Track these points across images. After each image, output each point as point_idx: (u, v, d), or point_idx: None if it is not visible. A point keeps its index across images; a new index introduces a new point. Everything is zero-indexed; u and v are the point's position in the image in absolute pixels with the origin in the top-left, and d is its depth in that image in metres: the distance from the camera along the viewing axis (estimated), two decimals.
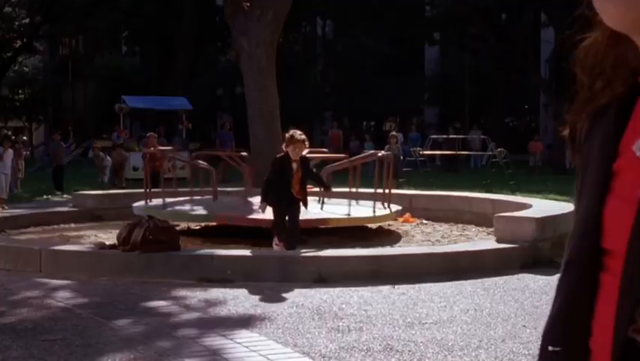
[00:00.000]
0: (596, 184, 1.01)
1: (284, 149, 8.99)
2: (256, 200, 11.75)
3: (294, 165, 8.87)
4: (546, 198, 13.69)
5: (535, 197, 13.57)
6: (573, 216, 1.07)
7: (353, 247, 9.27)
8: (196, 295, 7.17)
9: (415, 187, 16.30)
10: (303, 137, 8.91)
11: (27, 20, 35.91)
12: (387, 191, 11.27)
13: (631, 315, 0.92)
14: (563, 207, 10.40)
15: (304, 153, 9.11)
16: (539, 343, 1.04)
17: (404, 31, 31.42)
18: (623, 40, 0.99)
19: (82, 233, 11.20)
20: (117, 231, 8.74)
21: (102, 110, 22.56)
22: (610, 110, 1.03)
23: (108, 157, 21.72)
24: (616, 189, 0.99)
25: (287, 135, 9.07)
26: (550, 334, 1.05)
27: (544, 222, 8.97)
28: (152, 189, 11.88)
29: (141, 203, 11.38)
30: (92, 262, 8.27)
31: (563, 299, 1.05)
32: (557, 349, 1.04)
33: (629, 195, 0.95)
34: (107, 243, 8.86)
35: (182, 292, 7.31)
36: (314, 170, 10.13)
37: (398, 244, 10.09)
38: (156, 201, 11.42)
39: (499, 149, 26.70)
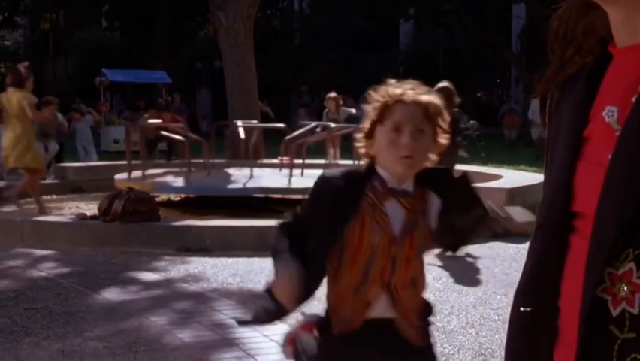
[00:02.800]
0: (566, 150, 1.03)
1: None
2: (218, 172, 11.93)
3: None
4: (517, 170, 13.98)
5: (506, 168, 13.88)
6: (543, 184, 1.11)
7: None
8: (176, 265, 7.32)
9: None
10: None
11: None
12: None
13: (599, 275, 0.94)
14: (533, 177, 10.67)
15: None
16: (509, 308, 1.08)
17: (379, 6, 31.50)
18: (592, 9, 1.03)
19: (63, 205, 11.29)
20: (98, 202, 8.85)
21: (83, 84, 22.43)
22: (580, 79, 1.06)
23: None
24: (586, 154, 1.01)
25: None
26: (522, 295, 1.08)
27: (514, 192, 9.20)
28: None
29: (124, 175, 11.47)
30: (73, 233, 8.39)
31: (534, 262, 1.07)
32: (528, 309, 1.06)
33: (600, 159, 0.97)
34: (88, 214, 8.98)
35: (162, 262, 7.45)
36: None
37: None
38: (136, 174, 11.51)
39: (472, 122, 26.89)
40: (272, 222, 8.45)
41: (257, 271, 6.95)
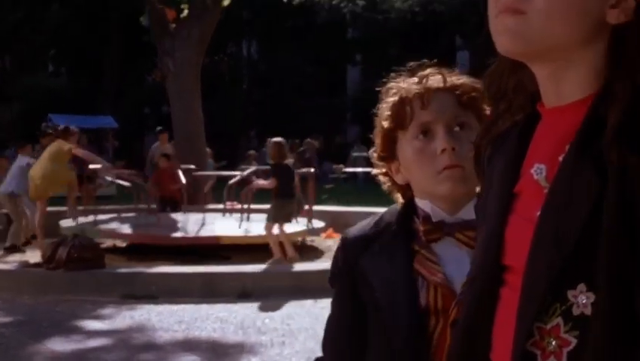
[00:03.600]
0: (498, 205, 1.06)
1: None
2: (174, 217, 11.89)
3: None
4: None
5: None
6: (476, 238, 1.13)
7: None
8: (121, 313, 7.26)
9: (339, 204, 16.61)
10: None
11: None
12: (307, 207, 11.54)
13: (529, 329, 0.96)
14: None
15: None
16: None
17: (327, 52, 31.95)
18: (521, 67, 1.06)
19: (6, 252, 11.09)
20: (42, 249, 8.75)
21: (28, 129, 22.20)
22: (511, 136, 1.09)
23: None
24: (517, 209, 1.04)
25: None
26: (454, 348, 1.11)
27: None
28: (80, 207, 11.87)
29: (69, 221, 11.35)
30: (15, 281, 8.26)
31: (467, 314, 1.09)
32: None
33: (529, 215, 1.00)
34: (32, 261, 8.87)
35: (108, 310, 7.39)
36: None
37: (320, 259, 10.35)
38: (83, 219, 11.40)
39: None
40: (219, 269, 8.41)
41: (203, 318, 6.94)
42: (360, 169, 29.58)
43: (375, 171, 1.67)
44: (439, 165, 1.52)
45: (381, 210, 1.66)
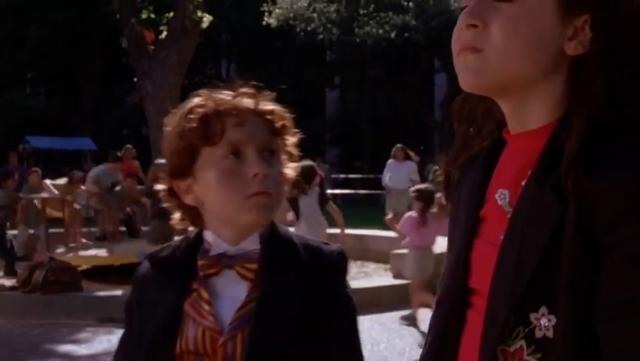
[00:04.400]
0: (464, 229, 1.09)
1: None
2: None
3: None
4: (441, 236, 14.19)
5: None
6: (445, 260, 1.15)
7: None
8: (98, 336, 7.19)
9: None
10: None
11: None
12: None
13: (493, 352, 0.98)
14: None
15: None
16: None
17: (305, 74, 32.10)
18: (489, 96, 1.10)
19: None
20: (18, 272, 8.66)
21: (4, 151, 22.04)
22: (478, 161, 1.12)
23: None
24: (482, 234, 1.07)
25: None
26: None
27: (439, 258, 9.37)
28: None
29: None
30: None
31: (434, 337, 1.12)
32: None
33: (493, 239, 1.03)
34: (7, 284, 8.78)
35: (85, 334, 7.31)
36: None
37: None
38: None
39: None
40: None
41: None
42: (338, 191, 29.64)
43: (159, 186, 1.49)
44: (249, 191, 1.39)
45: (357, 231, 1.59)
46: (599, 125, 0.98)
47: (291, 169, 1.50)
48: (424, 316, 7.28)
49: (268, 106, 1.48)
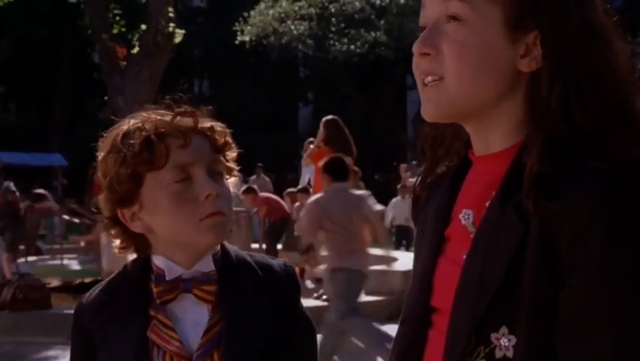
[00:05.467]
0: (429, 248, 1.10)
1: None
2: None
3: None
4: (410, 252, 14.24)
5: (399, 251, 14.14)
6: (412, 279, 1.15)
7: None
8: (67, 354, 7.07)
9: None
10: None
11: None
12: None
13: None
14: None
15: None
16: None
17: (279, 90, 32.18)
18: None
19: None
20: None
21: None
22: (444, 181, 1.13)
23: None
24: (446, 252, 1.07)
25: None
26: None
27: (410, 274, 9.39)
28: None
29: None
30: None
31: (397, 356, 1.12)
32: None
33: (456, 258, 1.03)
34: None
35: (54, 352, 7.22)
36: None
37: None
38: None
39: None
40: None
41: None
42: None
43: (100, 217, 1.43)
44: (203, 213, 1.34)
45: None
46: (557, 144, 0.98)
47: (231, 185, 1.47)
48: None
49: (207, 123, 1.44)
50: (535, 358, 0.94)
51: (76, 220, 12.99)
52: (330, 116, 8.40)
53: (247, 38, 23.36)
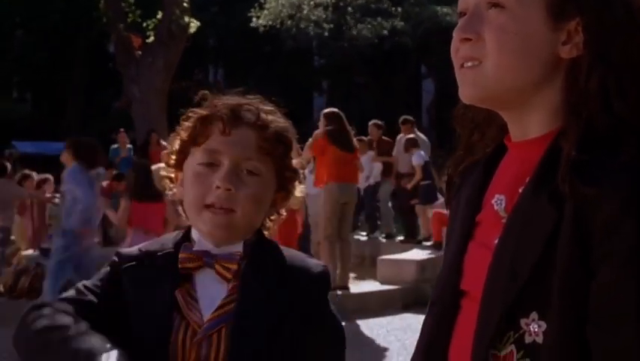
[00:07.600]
0: (460, 232, 1.10)
1: None
2: None
3: None
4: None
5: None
6: (442, 263, 1.16)
7: None
8: None
9: None
10: None
11: None
12: None
13: (485, 355, 0.98)
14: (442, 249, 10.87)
15: None
16: None
17: (293, 79, 32.11)
18: None
19: None
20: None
21: None
22: (479, 166, 1.14)
23: None
24: (477, 237, 1.08)
25: None
26: None
27: (424, 264, 9.39)
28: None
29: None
30: None
31: (425, 339, 1.12)
32: None
33: (487, 243, 1.04)
34: None
35: None
36: None
37: None
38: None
39: None
40: None
41: None
42: None
43: (162, 172, 1.55)
44: (208, 200, 1.39)
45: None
46: (594, 131, 0.98)
47: (294, 189, 1.49)
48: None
49: (268, 122, 1.46)
50: (566, 344, 0.94)
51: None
52: (330, 109, 8.48)
53: (262, 21, 23.26)
